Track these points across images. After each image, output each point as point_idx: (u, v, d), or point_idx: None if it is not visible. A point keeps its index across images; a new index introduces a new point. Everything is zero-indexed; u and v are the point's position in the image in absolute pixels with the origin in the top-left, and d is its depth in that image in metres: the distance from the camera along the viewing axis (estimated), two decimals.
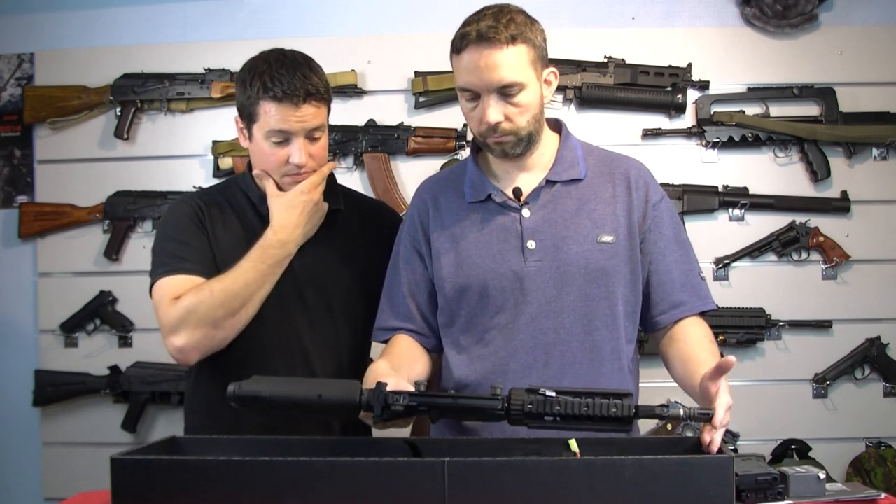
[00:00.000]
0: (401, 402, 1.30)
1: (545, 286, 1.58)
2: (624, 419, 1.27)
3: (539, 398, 1.28)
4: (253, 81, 1.63)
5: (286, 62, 1.65)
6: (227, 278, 1.64)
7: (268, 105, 1.62)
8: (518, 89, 1.53)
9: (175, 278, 1.66)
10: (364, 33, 2.76)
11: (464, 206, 1.66)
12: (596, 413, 1.26)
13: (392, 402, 1.30)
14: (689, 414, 1.30)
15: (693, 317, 1.64)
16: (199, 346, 1.64)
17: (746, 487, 1.26)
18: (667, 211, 1.67)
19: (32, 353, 2.79)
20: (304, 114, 1.63)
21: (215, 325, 1.63)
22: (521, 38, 1.52)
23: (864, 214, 2.66)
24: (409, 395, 1.31)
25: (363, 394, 1.33)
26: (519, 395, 1.30)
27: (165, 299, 1.64)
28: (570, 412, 1.27)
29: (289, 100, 1.61)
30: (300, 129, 1.64)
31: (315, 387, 1.34)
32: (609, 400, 1.27)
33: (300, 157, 1.65)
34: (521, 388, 1.31)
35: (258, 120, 1.65)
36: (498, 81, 1.51)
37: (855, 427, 2.64)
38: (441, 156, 2.70)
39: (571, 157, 1.66)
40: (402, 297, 1.69)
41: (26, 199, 2.80)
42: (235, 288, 1.63)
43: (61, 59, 2.79)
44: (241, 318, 1.65)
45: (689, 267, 1.66)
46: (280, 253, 1.68)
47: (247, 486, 1.23)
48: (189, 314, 1.61)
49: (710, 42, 2.70)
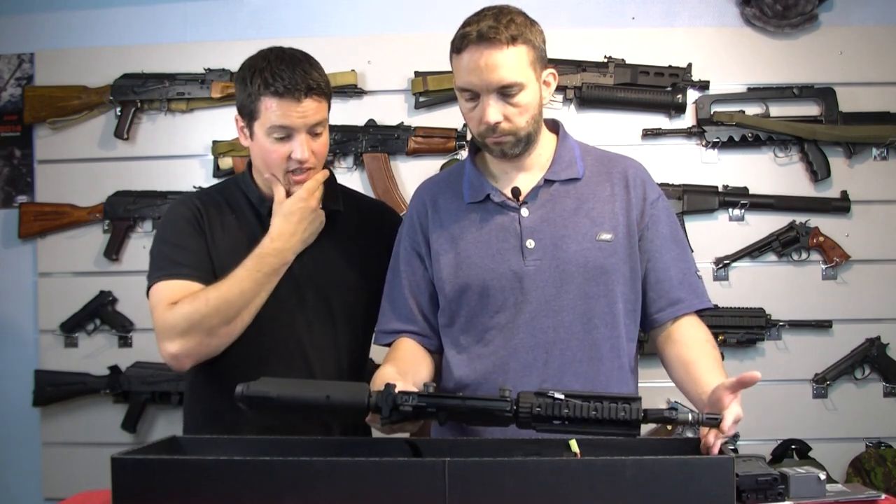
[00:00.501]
0: (409, 402, 1.30)
1: (544, 285, 1.59)
2: (632, 423, 1.27)
3: (548, 401, 1.28)
4: (253, 78, 1.63)
5: (286, 58, 1.65)
6: (223, 286, 1.63)
7: (269, 101, 1.62)
8: (517, 89, 1.53)
9: (171, 283, 1.66)
10: (364, 33, 2.75)
11: (462, 206, 1.66)
12: (605, 417, 1.26)
13: (401, 402, 1.30)
14: (697, 418, 1.30)
15: (691, 317, 1.64)
16: (193, 354, 1.64)
17: (747, 488, 1.26)
18: (664, 210, 1.67)
19: (32, 353, 2.79)
20: (305, 109, 1.63)
21: (210, 333, 1.63)
22: (521, 39, 1.52)
23: (864, 214, 2.66)
24: (417, 396, 1.31)
25: (371, 395, 1.33)
26: (528, 397, 1.29)
27: (161, 305, 1.64)
28: (579, 416, 1.27)
29: (290, 95, 1.61)
30: (302, 125, 1.64)
31: (323, 388, 1.34)
32: (618, 404, 1.27)
33: (302, 153, 1.65)
34: (530, 391, 1.30)
35: (259, 117, 1.64)
36: (497, 81, 1.52)
37: (855, 427, 2.64)
38: (441, 156, 2.70)
39: (569, 157, 1.66)
40: (403, 299, 1.68)
41: (26, 199, 2.80)
42: (231, 296, 1.62)
43: (61, 59, 2.79)
44: (237, 326, 1.65)
45: (686, 265, 1.66)
46: (276, 261, 1.67)
47: (247, 486, 1.23)
48: (184, 321, 1.61)
49: (710, 42, 2.70)
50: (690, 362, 1.55)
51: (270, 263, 1.66)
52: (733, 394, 1.35)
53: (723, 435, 1.31)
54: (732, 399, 1.35)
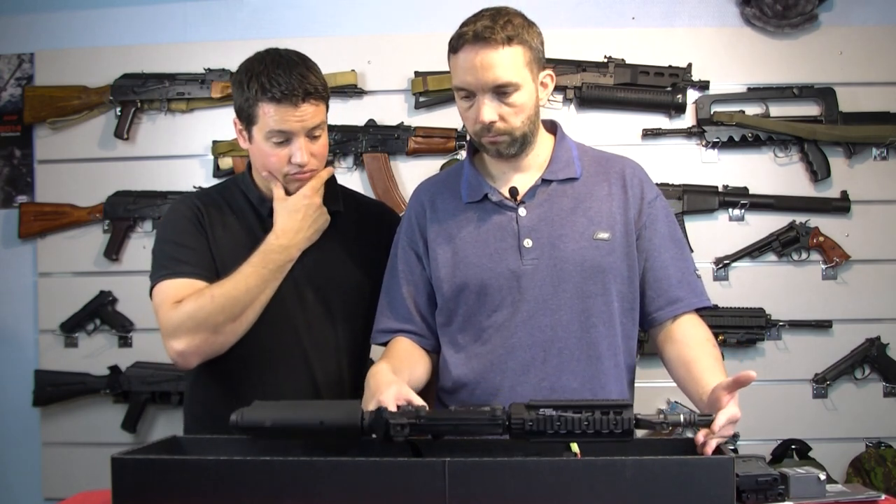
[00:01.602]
0: (402, 432, 1.31)
1: (542, 284, 1.59)
2: (624, 433, 1.28)
3: (540, 417, 1.28)
4: (250, 83, 1.63)
5: (282, 62, 1.64)
6: (229, 283, 1.63)
7: (266, 106, 1.62)
8: (513, 89, 1.54)
9: (175, 282, 1.66)
10: (364, 33, 2.75)
11: (460, 206, 1.67)
12: (596, 429, 1.27)
13: (394, 433, 1.31)
14: (688, 420, 1.30)
15: (691, 315, 1.65)
16: (199, 351, 1.64)
17: (747, 488, 1.26)
18: (662, 209, 1.68)
19: (32, 353, 2.79)
20: (303, 113, 1.63)
21: (216, 331, 1.63)
22: (518, 40, 1.53)
23: (864, 214, 2.66)
24: (409, 426, 1.31)
25: (364, 418, 1.34)
26: (519, 412, 1.30)
27: (166, 303, 1.64)
28: (570, 430, 1.28)
29: (287, 100, 1.61)
30: (300, 129, 1.64)
31: (316, 411, 1.36)
32: (609, 415, 1.27)
33: (302, 157, 1.65)
34: (521, 404, 1.31)
35: (257, 122, 1.64)
36: (493, 81, 1.52)
37: (855, 427, 2.64)
38: (441, 156, 2.70)
39: (567, 157, 1.66)
40: (400, 298, 1.69)
41: (26, 199, 2.80)
42: (237, 293, 1.62)
43: (61, 59, 2.79)
44: (242, 323, 1.65)
45: (684, 264, 1.67)
46: (282, 258, 1.67)
47: (247, 486, 1.23)
48: (189, 319, 1.61)
49: (710, 42, 2.70)
50: (691, 362, 1.55)
51: (276, 260, 1.67)
52: (730, 394, 1.36)
53: (713, 434, 1.31)
54: (730, 399, 1.35)
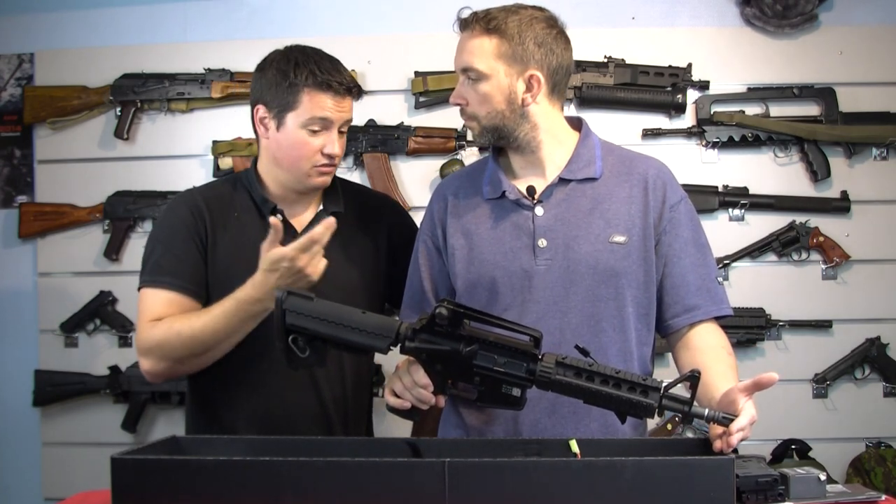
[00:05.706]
0: (444, 306, 1.33)
1: (553, 285, 1.57)
2: (647, 408, 1.29)
3: (564, 381, 1.31)
4: (297, 70, 1.66)
5: (325, 56, 1.71)
6: (197, 323, 1.62)
7: (314, 93, 1.65)
8: (476, 76, 1.57)
9: (156, 294, 1.68)
10: (364, 33, 2.75)
11: (480, 202, 1.66)
12: (616, 407, 1.30)
13: (439, 320, 1.33)
14: (712, 416, 1.29)
15: (709, 323, 1.62)
16: (164, 375, 1.70)
17: (747, 489, 1.26)
18: (686, 213, 1.64)
19: (32, 353, 2.79)
20: (345, 105, 1.70)
21: (181, 362, 1.67)
22: (498, 32, 1.56)
23: (864, 214, 2.66)
24: (452, 317, 1.33)
25: (402, 324, 1.38)
26: (550, 361, 1.33)
27: (143, 318, 1.68)
28: (591, 398, 1.31)
29: (336, 90, 1.67)
30: (340, 119, 1.70)
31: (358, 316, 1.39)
32: (635, 393, 1.29)
33: (335, 148, 1.69)
34: (555, 356, 1.33)
35: (297, 107, 1.66)
36: (461, 63, 1.59)
37: (855, 427, 2.64)
38: (441, 156, 2.70)
39: (588, 156, 1.63)
40: (422, 292, 1.70)
41: (26, 199, 2.80)
42: (203, 336, 1.62)
43: (61, 59, 2.79)
44: (206, 359, 1.67)
45: (705, 270, 1.63)
46: (255, 308, 1.60)
47: (247, 486, 1.23)
48: (156, 347, 1.65)
49: (710, 42, 2.70)
50: (703, 368, 1.53)
51: (247, 311, 1.61)
52: (748, 396, 1.33)
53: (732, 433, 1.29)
54: (747, 400, 1.33)
